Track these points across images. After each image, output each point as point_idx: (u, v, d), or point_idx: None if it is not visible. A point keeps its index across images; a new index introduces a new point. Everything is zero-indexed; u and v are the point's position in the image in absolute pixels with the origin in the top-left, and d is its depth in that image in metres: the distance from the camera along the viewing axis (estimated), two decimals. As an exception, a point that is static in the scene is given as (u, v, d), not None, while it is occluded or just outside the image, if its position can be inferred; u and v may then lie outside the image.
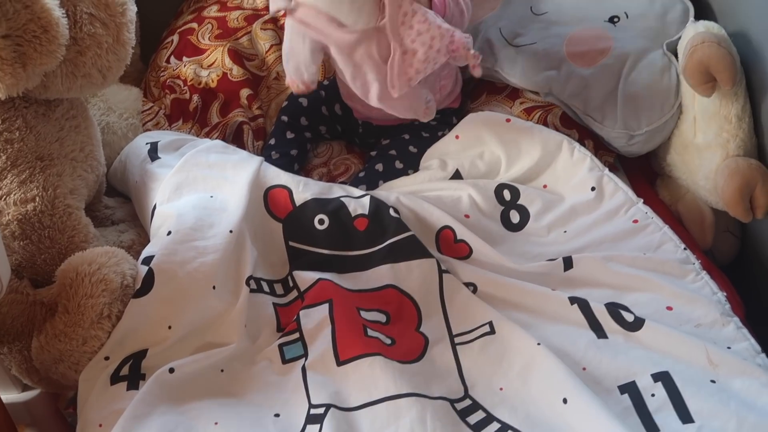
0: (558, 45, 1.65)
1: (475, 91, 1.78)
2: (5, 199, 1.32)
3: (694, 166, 1.56)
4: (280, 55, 1.83)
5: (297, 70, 1.49)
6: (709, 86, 1.48)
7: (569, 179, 1.52)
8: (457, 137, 1.60)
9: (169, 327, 1.25)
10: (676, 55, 1.60)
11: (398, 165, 1.61)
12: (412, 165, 1.62)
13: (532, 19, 1.72)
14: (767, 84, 1.47)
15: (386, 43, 1.36)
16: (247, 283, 1.34)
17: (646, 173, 1.69)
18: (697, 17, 1.65)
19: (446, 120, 1.68)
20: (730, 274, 1.48)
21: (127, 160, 1.56)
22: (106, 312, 1.24)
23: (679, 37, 1.61)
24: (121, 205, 1.60)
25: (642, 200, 1.47)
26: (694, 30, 1.54)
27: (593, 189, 1.49)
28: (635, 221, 1.44)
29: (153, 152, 1.53)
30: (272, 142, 1.68)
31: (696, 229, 1.59)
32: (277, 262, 1.42)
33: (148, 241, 1.39)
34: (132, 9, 1.41)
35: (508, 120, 1.58)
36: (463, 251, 1.43)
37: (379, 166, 1.60)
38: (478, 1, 1.76)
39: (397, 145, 1.63)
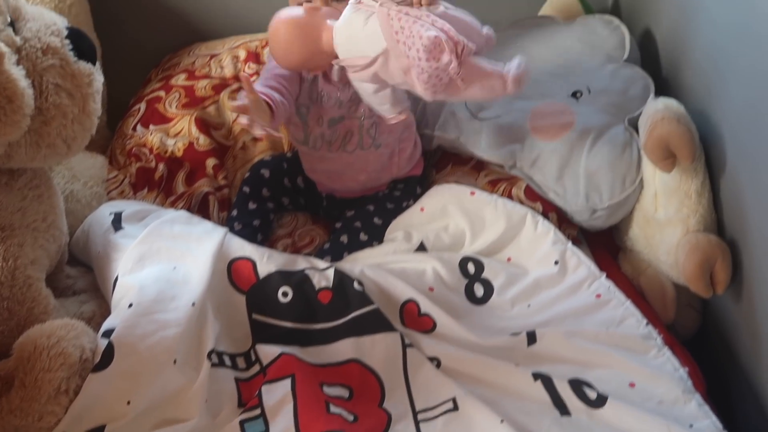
0: (522, 118, 1.68)
1: (441, 162, 1.80)
2: (-36, 269, 1.31)
3: (656, 240, 1.57)
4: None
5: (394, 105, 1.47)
6: (669, 162, 1.51)
7: (533, 252, 1.53)
8: (422, 209, 1.61)
9: (128, 402, 1.23)
10: (637, 130, 1.63)
11: (363, 237, 1.61)
12: (376, 237, 1.62)
13: (496, 92, 1.74)
14: (726, 160, 1.50)
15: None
16: (209, 357, 1.32)
17: (608, 246, 1.70)
18: (658, 93, 1.69)
19: (410, 190, 1.69)
20: (692, 349, 1.49)
21: (90, 229, 1.55)
22: (64, 387, 1.21)
23: (641, 113, 1.63)
24: (83, 274, 1.58)
25: (605, 274, 1.49)
26: (655, 106, 1.57)
27: (556, 263, 1.50)
28: (598, 296, 1.45)
29: (116, 222, 1.52)
30: (234, 213, 1.68)
31: (658, 303, 1.60)
32: (239, 336, 1.41)
33: (110, 313, 1.37)
34: (99, 79, 1.41)
35: (472, 193, 1.59)
36: (427, 325, 1.43)
37: (344, 238, 1.60)
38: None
39: (362, 217, 1.64)
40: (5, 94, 1.23)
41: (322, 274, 1.45)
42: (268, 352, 1.36)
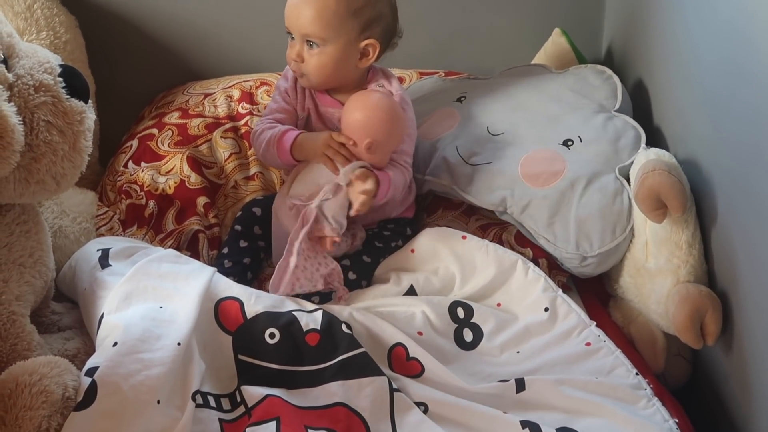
0: (513, 165, 1.68)
1: (432, 206, 1.80)
2: (-52, 304, 1.29)
3: (646, 290, 1.57)
4: (239, 164, 1.85)
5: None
6: (660, 212, 1.51)
7: (523, 299, 1.53)
8: (412, 251, 1.61)
9: (110, 442, 1.21)
10: (628, 180, 1.63)
11: (351, 276, 1.60)
12: (365, 276, 1.62)
13: (488, 138, 1.75)
14: (717, 212, 1.51)
15: None
16: (193, 398, 1.30)
17: (599, 294, 1.70)
18: (649, 143, 1.70)
19: (400, 230, 1.69)
20: (682, 399, 1.48)
21: (77, 266, 1.53)
22: (45, 425, 1.19)
23: (632, 162, 1.64)
24: (68, 310, 1.56)
25: (595, 323, 1.48)
26: (646, 157, 1.58)
27: (546, 309, 1.50)
28: (588, 344, 1.44)
29: (104, 259, 1.50)
30: (225, 250, 1.67)
31: (648, 352, 1.59)
32: (225, 376, 1.39)
33: (94, 350, 1.36)
34: (90, 117, 1.41)
35: (464, 237, 1.60)
36: (415, 369, 1.42)
37: None
38: (436, 120, 1.80)
39: (351, 255, 1.63)
40: (-5, 130, 1.23)
41: (310, 315, 1.44)
42: (253, 393, 1.34)
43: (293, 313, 1.44)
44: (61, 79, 1.37)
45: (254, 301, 1.45)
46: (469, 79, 2.00)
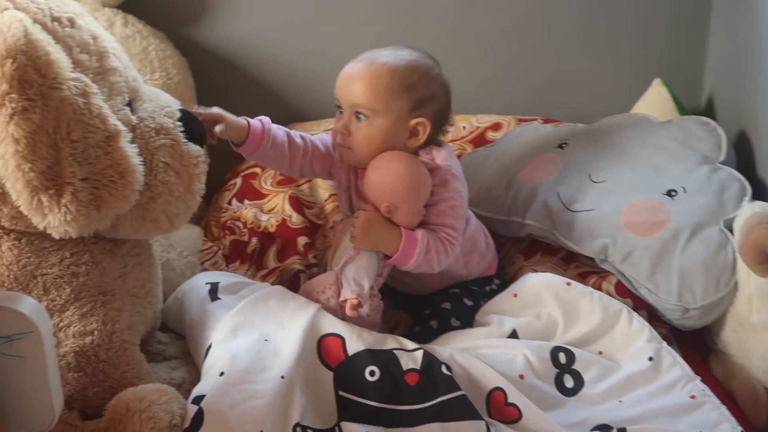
0: (616, 213, 1.68)
1: (529, 250, 1.81)
2: (65, 330, 1.34)
3: (750, 345, 1.54)
4: (338, 205, 1.88)
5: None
6: (765, 266, 1.48)
7: (626, 348, 1.52)
8: (515, 295, 1.62)
9: (215, 469, 1.24)
10: (732, 232, 1.61)
11: (454, 323, 1.61)
12: (468, 322, 1.62)
13: (590, 186, 1.75)
14: (825, 267, 1.48)
15: None
16: (294, 431, 1.32)
17: (699, 347, 1.67)
18: (754, 196, 1.68)
19: (487, 284, 1.71)
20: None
21: (185, 297, 1.58)
22: (153, 450, 1.23)
23: (736, 215, 1.62)
24: (174, 341, 1.60)
25: (700, 378, 1.46)
26: (751, 210, 1.56)
27: (651, 359, 1.48)
28: (692, 396, 1.42)
29: (213, 293, 1.55)
30: None
31: (749, 408, 1.55)
32: (325, 412, 1.41)
33: (199, 380, 1.39)
34: (205, 161, 1.46)
35: (568, 283, 1.60)
36: (512, 415, 1.41)
37: (434, 323, 1.61)
38: (537, 165, 1.81)
39: (452, 299, 1.65)
40: (118, 170, 1.28)
41: (410, 355, 1.45)
42: (352, 430, 1.35)
43: (394, 351, 1.45)
44: (180, 123, 1.43)
45: (356, 339, 1.46)
46: (569, 126, 2.01)
